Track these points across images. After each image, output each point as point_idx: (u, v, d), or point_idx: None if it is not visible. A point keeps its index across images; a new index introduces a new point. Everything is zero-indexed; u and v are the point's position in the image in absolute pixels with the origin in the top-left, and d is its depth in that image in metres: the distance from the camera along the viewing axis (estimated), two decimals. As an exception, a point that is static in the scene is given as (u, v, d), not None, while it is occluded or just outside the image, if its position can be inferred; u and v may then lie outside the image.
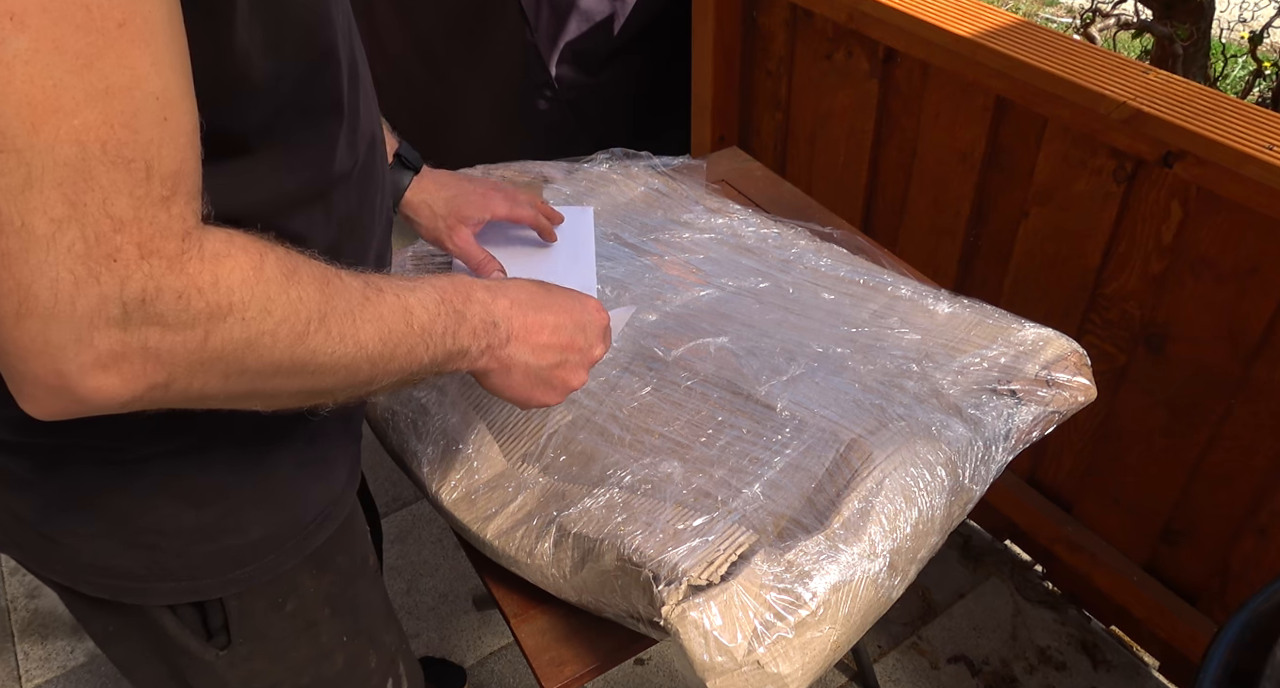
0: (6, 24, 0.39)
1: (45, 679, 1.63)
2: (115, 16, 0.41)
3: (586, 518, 0.81)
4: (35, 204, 0.41)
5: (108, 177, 0.42)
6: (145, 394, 0.47)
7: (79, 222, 0.41)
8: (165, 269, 0.44)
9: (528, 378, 0.71)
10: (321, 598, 0.78)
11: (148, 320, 0.44)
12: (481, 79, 2.11)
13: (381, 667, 0.87)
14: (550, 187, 1.26)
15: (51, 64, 0.40)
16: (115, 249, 0.42)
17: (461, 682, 1.60)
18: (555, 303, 0.72)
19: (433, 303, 0.61)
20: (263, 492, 0.70)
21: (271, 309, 0.49)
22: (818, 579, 0.74)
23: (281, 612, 0.75)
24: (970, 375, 0.95)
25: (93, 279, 0.42)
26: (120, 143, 0.42)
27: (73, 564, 0.68)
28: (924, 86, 1.47)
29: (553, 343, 0.71)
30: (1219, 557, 1.37)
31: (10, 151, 0.40)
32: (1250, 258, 1.16)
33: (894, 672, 1.58)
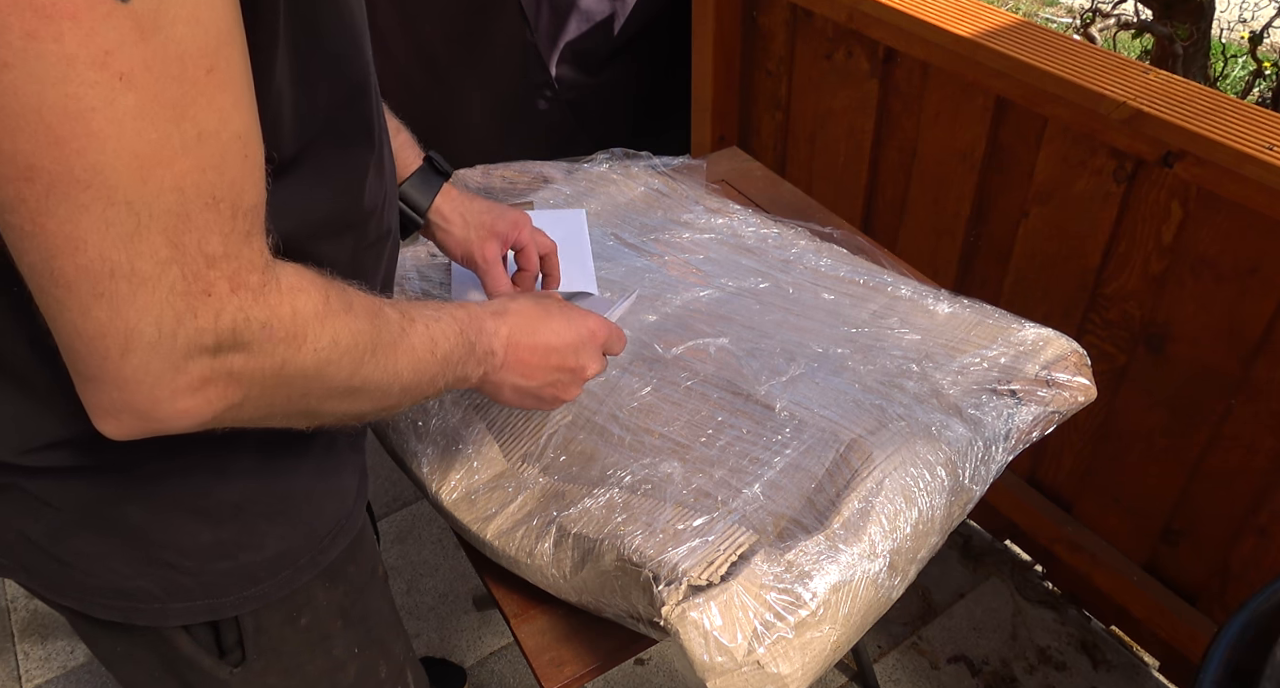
0: (116, 84, 0.40)
1: (45, 679, 1.63)
2: (204, 64, 0.43)
3: (586, 518, 0.81)
4: (144, 249, 0.43)
5: (202, 217, 0.45)
6: (222, 415, 0.50)
7: (180, 262, 0.44)
8: (252, 301, 0.48)
9: (518, 394, 0.76)
10: (334, 610, 0.78)
11: (235, 348, 0.48)
12: (481, 79, 2.11)
13: (391, 676, 0.88)
14: (550, 186, 1.26)
15: (156, 117, 0.42)
16: (210, 284, 0.46)
17: (461, 682, 1.60)
18: (553, 328, 0.76)
19: (453, 334, 0.66)
20: (278, 506, 0.71)
21: (339, 340, 0.54)
22: (818, 579, 0.74)
23: (296, 626, 0.76)
24: (970, 375, 0.95)
25: (191, 314, 0.45)
26: (211, 184, 0.45)
27: (85, 587, 0.68)
28: (924, 86, 1.47)
29: (544, 365, 0.75)
30: (1219, 557, 1.37)
31: (121, 203, 0.42)
32: (1250, 258, 1.16)
33: (894, 672, 1.58)
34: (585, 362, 0.78)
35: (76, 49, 0.39)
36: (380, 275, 0.73)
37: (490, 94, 2.11)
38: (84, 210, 0.42)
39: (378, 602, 0.86)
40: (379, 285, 0.73)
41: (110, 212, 0.42)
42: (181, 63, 0.42)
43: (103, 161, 0.42)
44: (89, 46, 0.40)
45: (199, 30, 0.43)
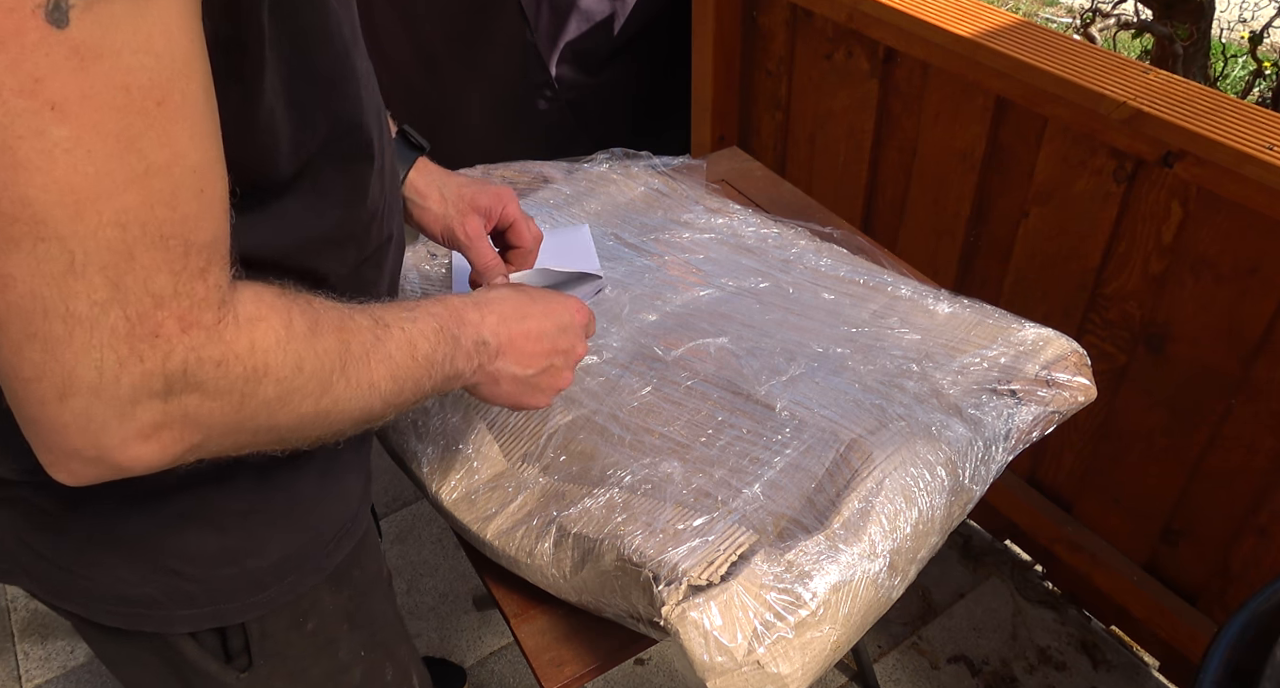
0: (47, 114, 0.38)
1: (45, 679, 1.63)
2: (154, 95, 0.41)
3: (586, 518, 0.81)
4: (78, 289, 0.41)
5: (148, 256, 0.42)
6: (183, 456, 0.48)
7: (121, 302, 0.42)
8: (205, 340, 0.45)
9: (516, 386, 0.72)
10: (340, 614, 0.78)
11: (188, 389, 0.45)
12: (481, 79, 2.11)
13: (397, 679, 0.87)
14: (550, 186, 1.26)
15: (93, 150, 0.39)
16: (157, 325, 0.43)
17: (461, 682, 1.60)
18: (538, 310, 0.73)
19: (432, 333, 0.62)
20: (284, 511, 0.70)
21: (302, 366, 0.51)
22: (818, 579, 0.74)
23: (302, 631, 0.75)
24: (970, 375, 0.95)
25: (136, 358, 0.43)
26: (160, 221, 0.42)
27: (90, 594, 0.68)
28: (924, 86, 1.47)
29: (538, 350, 0.72)
30: (1219, 557, 1.37)
31: (53, 239, 0.40)
32: (1250, 258, 1.16)
33: (894, 672, 1.58)
34: (574, 342, 0.76)
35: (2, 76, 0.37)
36: (384, 282, 0.72)
37: (490, 94, 2.11)
38: (13, 246, 0.39)
39: (383, 604, 0.85)
40: (384, 292, 0.72)
41: (41, 248, 0.40)
42: (127, 93, 0.40)
43: (31, 195, 0.39)
44: (16, 73, 0.37)
45: (149, 60, 0.40)
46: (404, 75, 2.41)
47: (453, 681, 1.60)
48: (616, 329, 1.01)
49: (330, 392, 0.53)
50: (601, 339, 1.00)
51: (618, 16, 1.87)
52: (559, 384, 0.76)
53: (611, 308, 1.04)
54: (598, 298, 1.06)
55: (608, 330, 1.01)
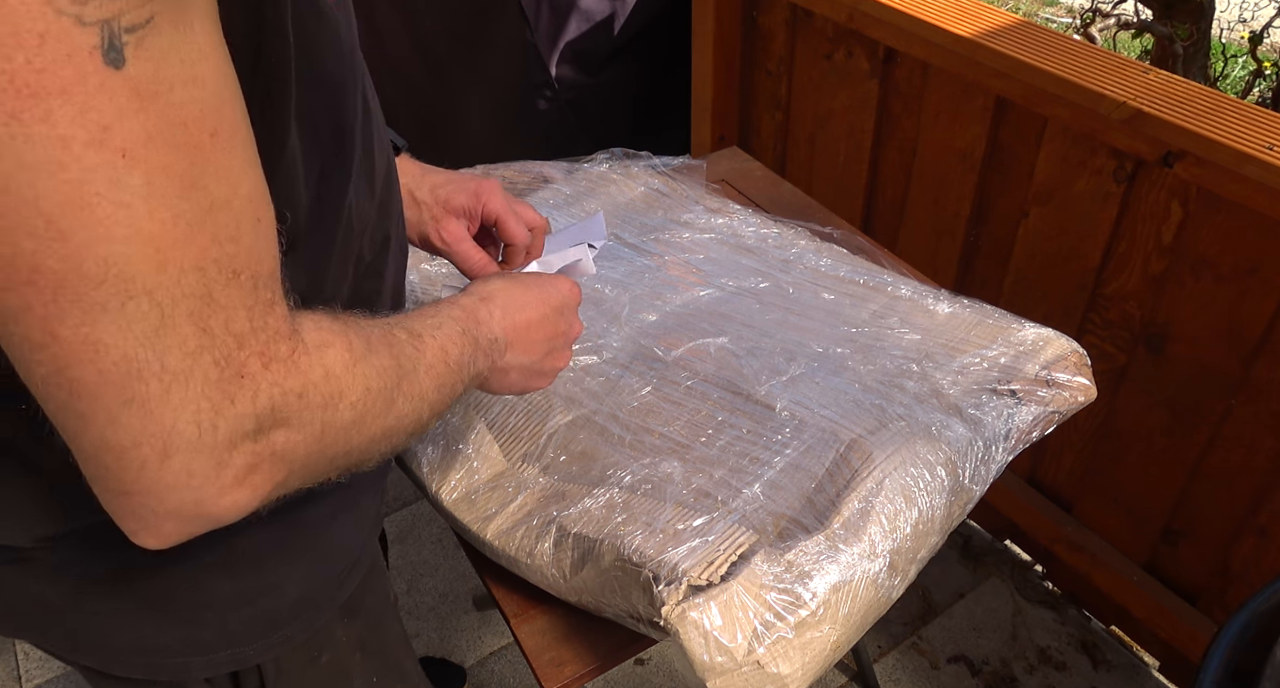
0: (120, 163, 0.36)
1: (45, 679, 1.63)
2: (207, 127, 0.39)
3: (586, 518, 0.81)
4: (171, 342, 0.39)
5: (225, 295, 0.41)
6: (269, 497, 0.47)
7: (210, 348, 0.40)
8: (285, 373, 0.44)
9: (522, 374, 0.72)
10: (354, 643, 0.77)
11: (276, 425, 0.44)
12: (481, 79, 2.11)
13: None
14: (550, 186, 1.26)
15: (166, 193, 0.38)
16: (242, 365, 0.42)
17: (461, 682, 1.60)
18: (534, 297, 0.72)
19: (458, 336, 0.62)
20: (298, 549, 0.69)
21: (370, 386, 0.50)
22: (818, 579, 0.74)
23: (316, 664, 0.75)
24: (970, 375, 0.95)
25: (229, 401, 0.41)
26: (230, 257, 0.41)
27: (105, 646, 0.67)
28: (924, 86, 1.47)
29: (540, 337, 0.72)
30: (1219, 557, 1.37)
31: (141, 295, 0.38)
32: (1250, 258, 1.16)
33: (894, 672, 1.58)
34: (570, 321, 0.76)
35: (71, 129, 0.35)
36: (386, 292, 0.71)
37: (490, 94, 2.11)
38: (100, 310, 0.37)
39: (393, 626, 0.84)
40: (387, 301, 0.71)
41: (130, 307, 0.38)
42: (185, 129, 0.38)
43: (115, 252, 0.37)
44: (84, 124, 0.35)
45: (198, 91, 0.39)
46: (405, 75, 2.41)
47: (453, 681, 1.60)
48: (616, 329, 1.01)
49: (394, 408, 0.53)
50: (601, 339, 1.00)
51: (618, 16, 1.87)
52: (559, 364, 0.75)
53: (611, 308, 1.04)
54: (599, 298, 1.06)
55: (608, 330, 1.01)
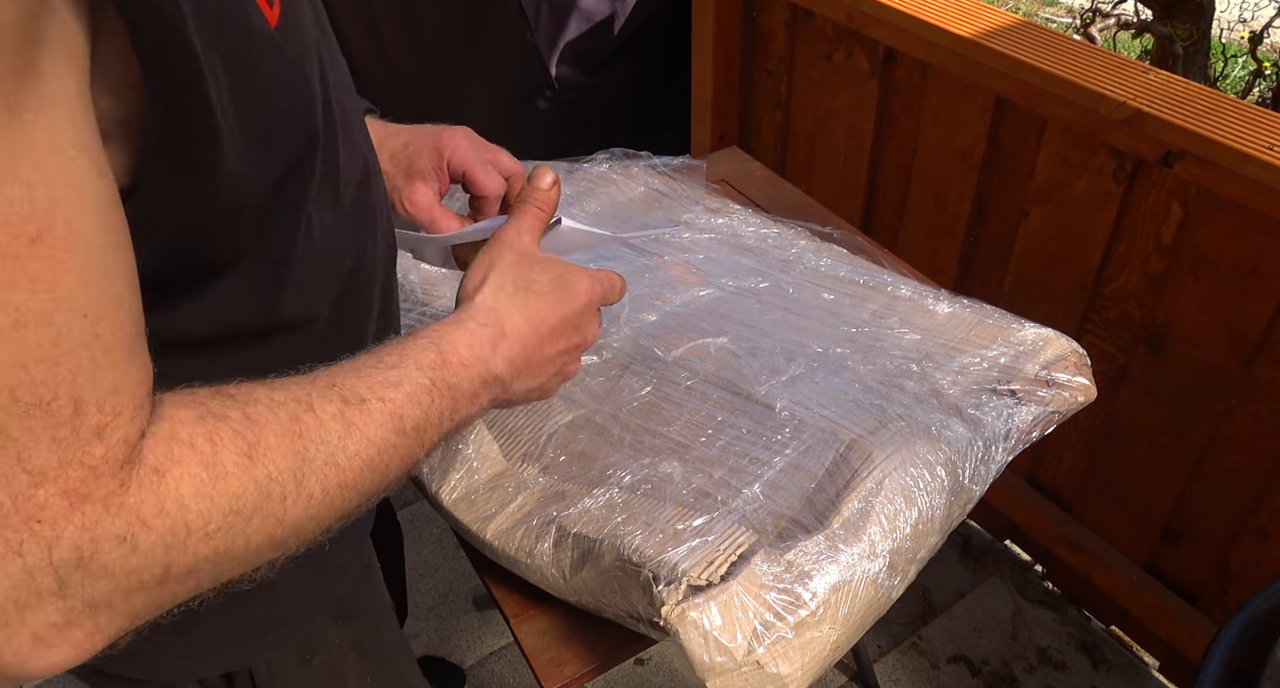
0: None
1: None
2: (28, 232, 0.34)
3: (586, 518, 0.81)
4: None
5: (21, 427, 0.35)
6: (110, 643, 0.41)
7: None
8: (101, 514, 0.37)
9: (529, 394, 0.66)
10: (348, 645, 0.76)
11: (90, 577, 0.37)
12: (481, 79, 2.11)
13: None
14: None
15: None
16: (38, 509, 0.35)
17: (461, 682, 1.60)
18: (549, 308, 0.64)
19: (424, 393, 0.54)
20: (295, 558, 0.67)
21: (240, 507, 0.42)
22: (817, 579, 0.74)
23: (309, 668, 0.73)
24: (970, 375, 0.95)
25: (13, 554, 0.35)
26: (35, 383, 0.35)
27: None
28: (924, 86, 1.47)
29: (552, 354, 0.65)
30: (1219, 557, 1.37)
31: None
32: (1250, 258, 1.16)
33: (894, 672, 1.58)
34: (586, 331, 0.68)
35: None
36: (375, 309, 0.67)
37: (490, 94, 2.11)
38: None
39: (390, 629, 0.83)
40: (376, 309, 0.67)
41: None
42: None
43: None
44: None
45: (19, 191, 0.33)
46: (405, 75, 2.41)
47: (453, 681, 1.60)
48: (616, 329, 1.01)
49: (285, 520, 0.45)
50: (601, 339, 1.00)
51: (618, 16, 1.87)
52: (569, 374, 0.69)
53: (612, 308, 1.04)
54: None
55: (608, 330, 1.01)
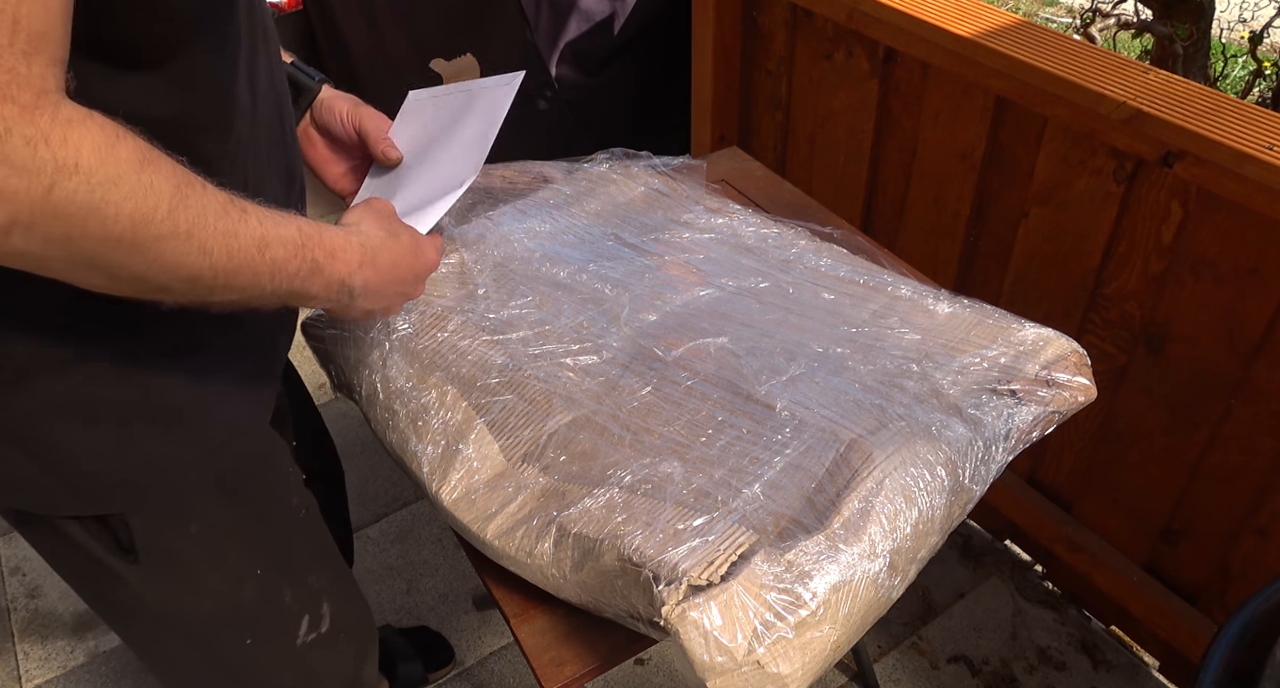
0: None
1: (45, 679, 1.63)
2: None
3: (586, 518, 0.81)
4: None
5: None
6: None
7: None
8: (17, 115, 0.48)
9: (359, 314, 0.80)
10: (229, 525, 0.83)
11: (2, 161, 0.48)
12: (481, 79, 2.11)
13: (298, 604, 0.93)
14: (550, 186, 1.26)
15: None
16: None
17: (449, 658, 1.60)
18: (400, 260, 0.79)
19: (292, 244, 0.65)
20: (154, 410, 0.73)
21: (119, 183, 0.52)
22: (818, 579, 0.74)
23: (186, 534, 0.80)
24: (970, 375, 0.95)
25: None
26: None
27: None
28: (924, 86, 1.47)
29: (392, 292, 0.80)
30: (1219, 557, 1.37)
31: None
32: (1250, 258, 1.16)
33: (894, 672, 1.58)
34: (418, 287, 0.84)
35: None
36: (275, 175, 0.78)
37: (490, 94, 2.11)
38: None
39: (291, 535, 0.91)
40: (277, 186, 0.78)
41: None
42: None
43: None
44: None
45: None
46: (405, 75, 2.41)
47: (439, 652, 1.60)
48: (616, 329, 1.01)
49: (151, 228, 0.54)
50: (601, 339, 1.00)
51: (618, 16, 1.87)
52: (391, 313, 0.84)
53: (611, 308, 1.04)
54: (599, 298, 1.06)
55: (608, 330, 1.01)
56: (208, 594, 0.85)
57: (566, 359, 0.98)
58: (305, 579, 0.93)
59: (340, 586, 1.00)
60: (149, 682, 1.62)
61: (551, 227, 1.17)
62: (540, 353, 0.99)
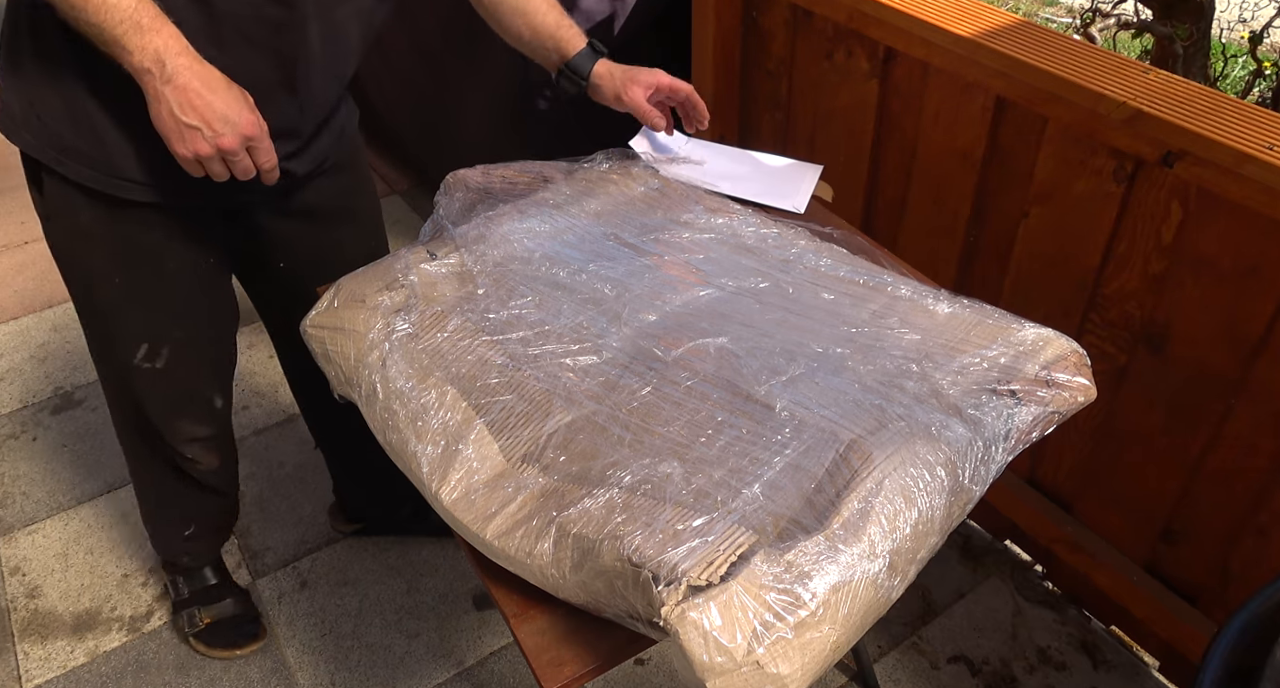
0: None
1: (45, 679, 1.63)
2: None
3: (586, 518, 0.81)
4: None
5: None
6: None
7: None
8: None
9: (171, 121, 0.94)
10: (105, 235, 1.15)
11: None
12: (481, 79, 2.11)
13: (141, 330, 1.24)
14: (550, 186, 1.26)
15: None
16: None
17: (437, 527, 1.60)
18: (221, 95, 0.95)
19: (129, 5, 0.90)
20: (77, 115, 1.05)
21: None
22: (817, 580, 0.74)
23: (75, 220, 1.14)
24: (970, 376, 0.95)
25: None
26: None
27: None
28: (924, 86, 1.47)
29: (197, 110, 0.94)
30: (1219, 557, 1.37)
31: None
32: (1250, 258, 1.16)
33: (894, 672, 1.58)
34: (226, 132, 0.96)
35: None
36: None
37: (490, 94, 2.11)
38: None
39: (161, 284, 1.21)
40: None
41: None
42: None
43: None
44: None
45: None
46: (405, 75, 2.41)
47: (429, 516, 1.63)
48: (616, 329, 1.01)
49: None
50: (601, 339, 1.00)
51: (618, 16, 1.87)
52: (198, 148, 0.96)
53: (611, 308, 1.04)
54: (599, 298, 1.05)
55: (608, 330, 1.01)
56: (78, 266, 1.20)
57: (566, 359, 0.98)
58: (157, 319, 1.24)
59: (190, 347, 1.29)
60: (149, 683, 1.63)
61: (551, 227, 1.17)
62: (540, 353, 0.99)
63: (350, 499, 1.82)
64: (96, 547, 1.86)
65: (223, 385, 1.41)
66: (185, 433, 1.40)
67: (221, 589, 1.68)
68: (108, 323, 1.25)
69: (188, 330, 1.28)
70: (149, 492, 1.56)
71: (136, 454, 1.48)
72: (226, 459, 1.51)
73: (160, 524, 1.61)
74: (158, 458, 1.44)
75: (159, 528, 1.62)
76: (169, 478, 1.47)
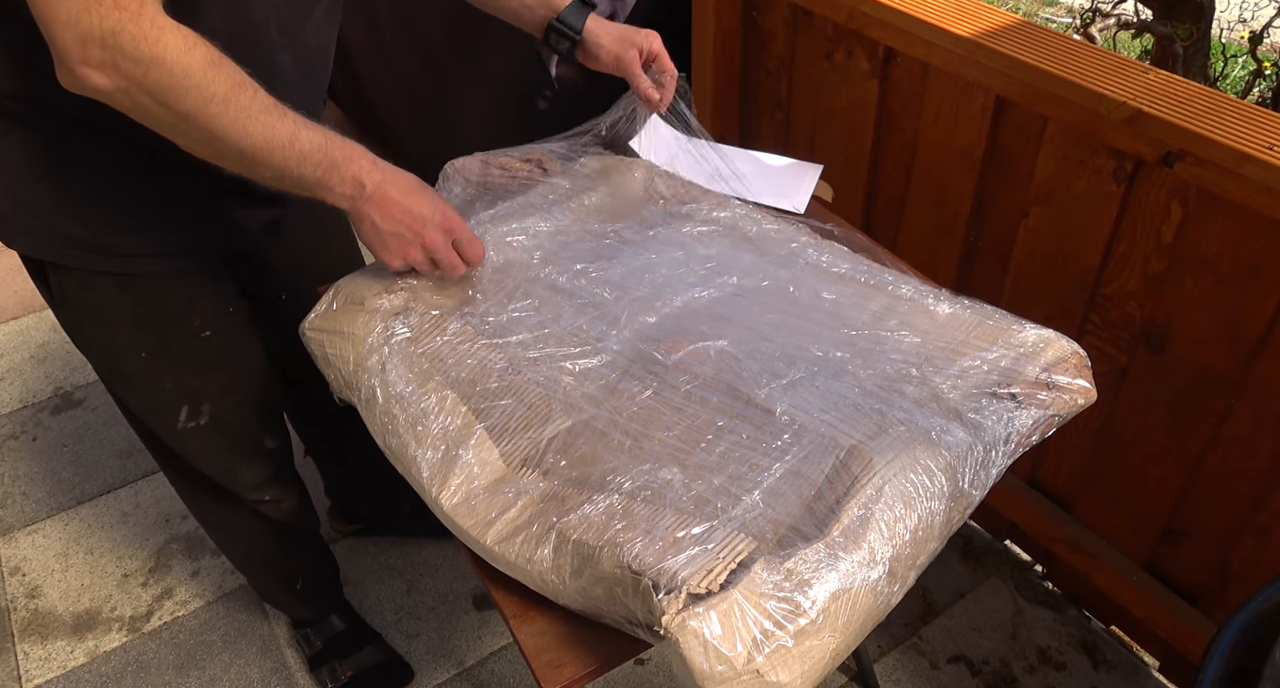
0: None
1: (45, 679, 1.64)
2: None
3: (586, 525, 0.81)
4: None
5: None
6: (113, 94, 0.79)
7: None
8: (128, 19, 0.76)
9: (375, 233, 0.96)
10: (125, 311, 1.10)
11: (117, 49, 0.76)
12: (481, 79, 2.11)
13: (179, 394, 1.20)
14: (549, 182, 1.26)
15: None
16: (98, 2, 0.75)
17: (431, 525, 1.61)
18: (415, 197, 0.96)
19: (318, 144, 0.88)
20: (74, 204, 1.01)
21: (190, 74, 0.79)
22: (817, 587, 0.73)
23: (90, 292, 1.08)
24: (970, 379, 0.94)
25: (86, 13, 0.75)
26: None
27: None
28: (924, 86, 1.47)
29: (399, 216, 0.95)
30: (1219, 557, 1.37)
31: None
32: (1250, 258, 1.15)
33: (894, 672, 1.58)
34: (430, 232, 0.97)
35: None
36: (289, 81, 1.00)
37: (490, 94, 2.11)
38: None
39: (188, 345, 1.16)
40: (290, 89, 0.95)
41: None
42: None
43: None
44: None
45: None
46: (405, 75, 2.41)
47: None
48: (616, 332, 1.01)
49: (208, 108, 0.81)
50: (601, 342, 1.00)
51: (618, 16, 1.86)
52: (407, 253, 0.97)
53: (611, 310, 1.04)
54: (598, 301, 1.06)
55: (607, 334, 1.01)
56: (100, 349, 1.15)
57: (566, 363, 0.98)
58: (187, 380, 1.19)
59: (227, 398, 1.24)
60: (149, 683, 1.63)
61: (551, 225, 1.17)
62: (539, 357, 0.98)
63: (345, 502, 1.82)
64: (96, 547, 1.86)
65: (273, 423, 1.36)
66: (249, 480, 1.35)
67: (356, 636, 1.64)
68: (141, 393, 1.20)
69: (224, 381, 1.23)
70: (236, 549, 1.52)
71: (215, 520, 1.44)
72: (301, 493, 1.46)
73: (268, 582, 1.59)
74: (236, 514, 1.39)
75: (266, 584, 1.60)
76: (255, 531, 1.43)
